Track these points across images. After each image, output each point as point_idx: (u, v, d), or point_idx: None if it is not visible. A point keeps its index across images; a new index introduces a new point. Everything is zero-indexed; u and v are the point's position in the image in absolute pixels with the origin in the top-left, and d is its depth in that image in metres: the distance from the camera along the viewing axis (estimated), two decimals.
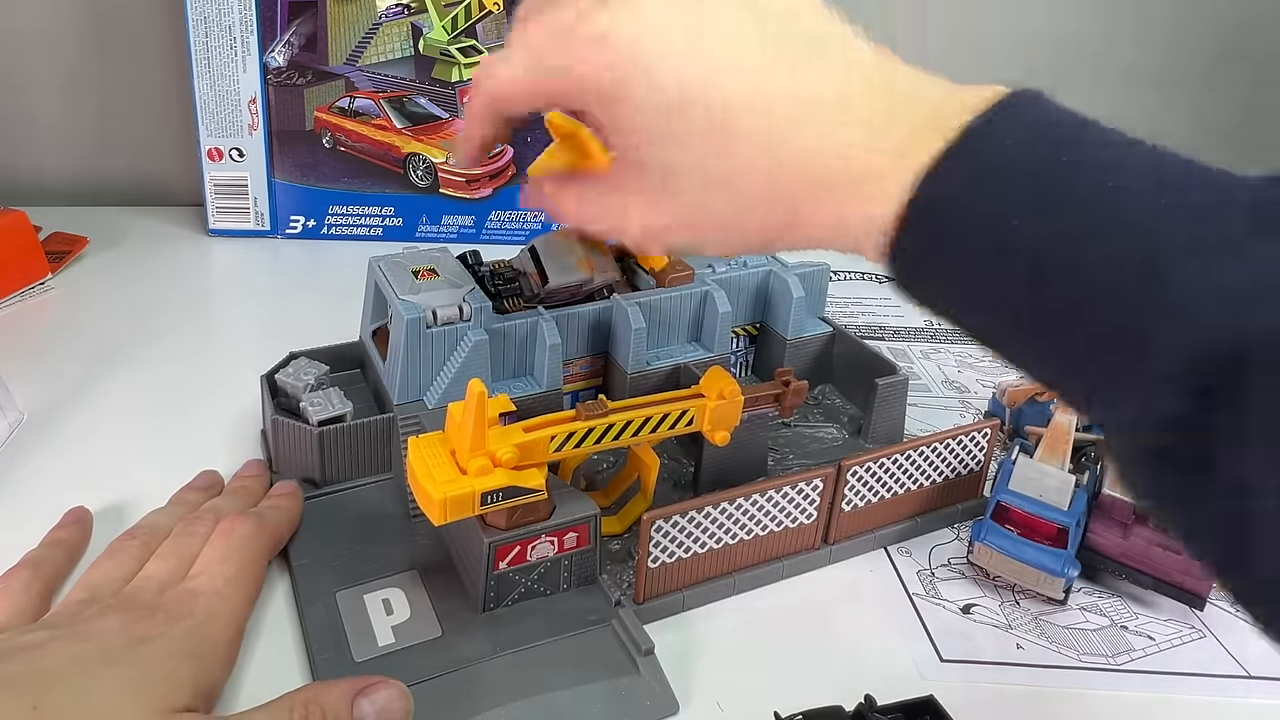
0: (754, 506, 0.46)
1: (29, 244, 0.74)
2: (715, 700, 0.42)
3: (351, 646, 0.42)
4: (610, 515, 0.50)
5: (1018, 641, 0.47)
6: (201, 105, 0.80)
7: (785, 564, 0.49)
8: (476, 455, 0.41)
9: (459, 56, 0.81)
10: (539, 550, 0.43)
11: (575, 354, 0.55)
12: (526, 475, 0.42)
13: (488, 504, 0.41)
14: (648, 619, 0.45)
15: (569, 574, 0.45)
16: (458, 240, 0.86)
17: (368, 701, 0.36)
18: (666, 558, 0.45)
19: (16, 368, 0.62)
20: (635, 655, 0.41)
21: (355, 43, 0.80)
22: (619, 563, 0.48)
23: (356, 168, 0.84)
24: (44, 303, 0.73)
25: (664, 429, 0.46)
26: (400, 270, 0.52)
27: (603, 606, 0.44)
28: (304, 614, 0.44)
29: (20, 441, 0.57)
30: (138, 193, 0.92)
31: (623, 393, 0.54)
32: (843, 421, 0.60)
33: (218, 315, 0.74)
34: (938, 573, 0.51)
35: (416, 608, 0.44)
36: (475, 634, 0.43)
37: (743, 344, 0.62)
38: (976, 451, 0.53)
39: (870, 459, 0.49)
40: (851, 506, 0.50)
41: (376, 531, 0.49)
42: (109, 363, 0.65)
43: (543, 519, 0.43)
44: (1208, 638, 0.48)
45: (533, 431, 0.42)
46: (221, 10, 0.77)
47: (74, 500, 0.51)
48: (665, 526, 0.44)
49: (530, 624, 0.43)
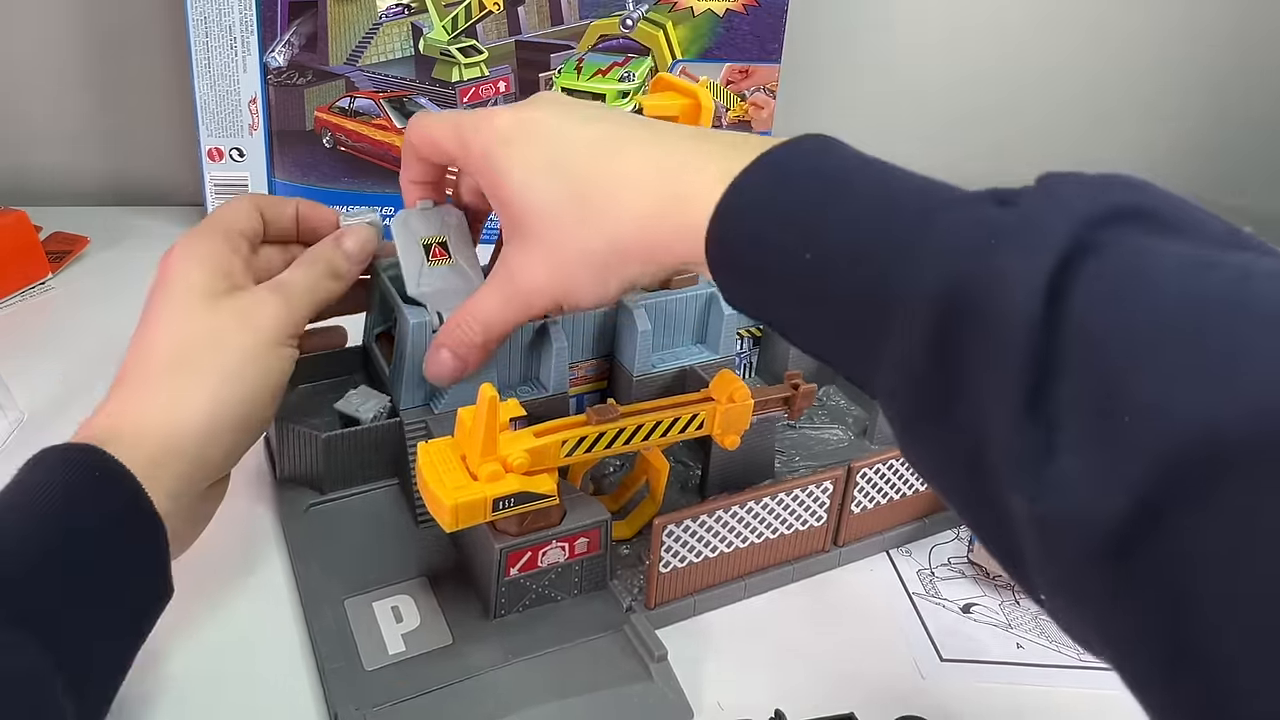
0: (764, 510, 0.46)
1: (29, 244, 0.73)
2: (722, 700, 0.42)
3: (361, 655, 0.42)
4: (619, 520, 0.50)
5: (1018, 641, 0.47)
6: (201, 105, 0.79)
7: (795, 567, 0.49)
8: (488, 461, 0.40)
9: (459, 56, 0.81)
10: (550, 556, 0.43)
11: (581, 357, 0.55)
12: (538, 481, 0.41)
13: (499, 510, 0.41)
14: (659, 624, 0.45)
15: (580, 580, 0.45)
16: None
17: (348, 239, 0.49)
18: (678, 562, 0.45)
19: (16, 368, 0.62)
20: (648, 661, 0.41)
21: (355, 43, 0.80)
22: (629, 567, 0.48)
23: (356, 168, 0.84)
24: (44, 303, 0.73)
25: (674, 433, 0.46)
26: (412, 245, 0.50)
27: (614, 612, 0.44)
28: (312, 623, 0.44)
29: (20, 441, 0.56)
30: (138, 193, 0.92)
31: (628, 396, 0.54)
32: (848, 423, 0.60)
33: None
34: (938, 572, 0.51)
35: (426, 615, 0.44)
36: (486, 641, 0.42)
37: (747, 345, 0.62)
38: None
39: (879, 461, 0.49)
40: (860, 509, 0.50)
41: (384, 538, 0.48)
42: (109, 363, 0.64)
43: (554, 524, 0.43)
44: None
45: (544, 436, 0.42)
46: (221, 10, 0.77)
47: None
48: (677, 531, 0.44)
49: (541, 630, 0.43)
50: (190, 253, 0.45)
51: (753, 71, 0.84)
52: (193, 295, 0.43)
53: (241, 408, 0.42)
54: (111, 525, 0.37)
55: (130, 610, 0.37)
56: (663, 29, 0.81)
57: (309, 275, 0.47)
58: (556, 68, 0.82)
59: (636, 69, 0.82)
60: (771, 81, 0.84)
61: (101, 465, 0.37)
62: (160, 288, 0.44)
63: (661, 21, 0.81)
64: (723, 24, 0.82)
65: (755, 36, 0.82)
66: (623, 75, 0.83)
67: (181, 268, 0.44)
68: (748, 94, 0.85)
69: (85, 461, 0.37)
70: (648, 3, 0.80)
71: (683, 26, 0.82)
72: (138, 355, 0.43)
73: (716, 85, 0.84)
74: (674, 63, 0.83)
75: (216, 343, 0.42)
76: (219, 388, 0.42)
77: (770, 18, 0.81)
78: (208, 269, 0.44)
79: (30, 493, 0.36)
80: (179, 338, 0.42)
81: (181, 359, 0.42)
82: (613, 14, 0.81)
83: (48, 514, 0.35)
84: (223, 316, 0.43)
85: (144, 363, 0.42)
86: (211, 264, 0.44)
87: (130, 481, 0.37)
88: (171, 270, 0.44)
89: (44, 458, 0.38)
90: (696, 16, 0.81)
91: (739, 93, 0.84)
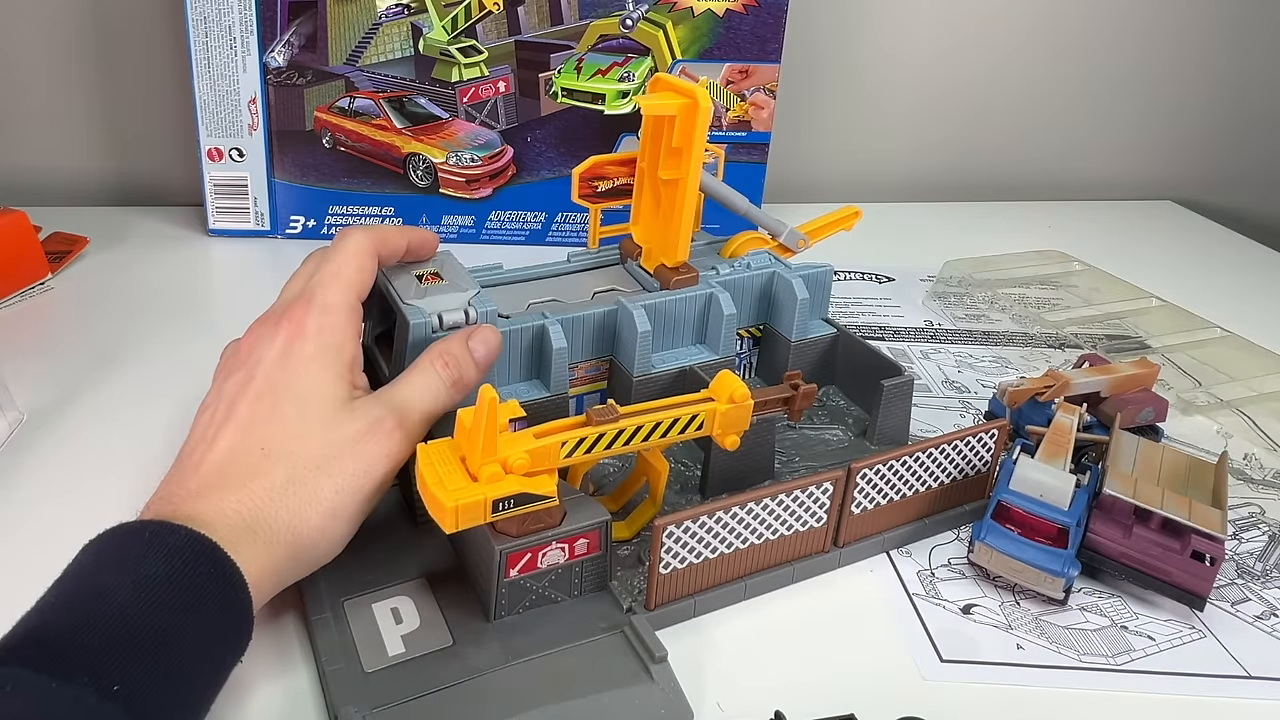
0: (764, 510, 0.46)
1: (29, 244, 0.73)
2: (722, 701, 0.42)
3: (361, 656, 0.42)
4: (619, 520, 0.50)
5: (1018, 641, 0.47)
6: (201, 105, 0.80)
7: (795, 568, 0.49)
8: (487, 462, 0.41)
9: (459, 56, 0.81)
10: (550, 557, 0.43)
11: (581, 357, 0.55)
12: (538, 482, 0.41)
13: (499, 511, 0.41)
14: (660, 625, 0.45)
15: (580, 581, 0.45)
16: (458, 240, 0.86)
17: (475, 341, 0.48)
18: (678, 563, 0.45)
19: (16, 368, 0.62)
20: (649, 663, 0.41)
21: (355, 43, 0.80)
22: (629, 568, 0.48)
23: (356, 168, 0.84)
24: (44, 303, 0.73)
25: (674, 433, 0.46)
26: (403, 274, 0.52)
27: (614, 613, 0.44)
28: (312, 624, 0.44)
29: (20, 441, 0.56)
30: (138, 193, 0.92)
31: (628, 396, 0.54)
32: (848, 423, 0.60)
33: (218, 315, 0.74)
34: (938, 573, 0.51)
35: (426, 616, 0.44)
36: (486, 643, 0.42)
37: (747, 346, 0.62)
38: (984, 453, 0.53)
39: (879, 461, 0.49)
40: (860, 509, 0.50)
41: (383, 540, 0.48)
42: (109, 363, 0.65)
43: (554, 525, 0.43)
44: (1208, 638, 0.48)
45: (544, 437, 0.42)
46: (221, 10, 0.77)
47: (74, 500, 0.51)
48: (677, 532, 0.44)
49: (542, 632, 0.43)
50: (325, 342, 0.45)
51: (753, 71, 0.84)
52: (323, 402, 0.43)
53: (344, 526, 0.43)
54: (218, 630, 0.37)
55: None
56: (662, 29, 0.82)
57: (435, 390, 0.46)
58: (556, 68, 0.82)
59: (636, 69, 0.83)
60: (771, 81, 0.84)
61: (227, 577, 0.38)
62: (288, 367, 0.44)
63: (661, 21, 0.81)
64: (722, 24, 0.82)
65: (755, 36, 0.82)
66: (622, 75, 0.83)
67: (313, 370, 0.44)
68: (747, 94, 0.85)
69: (215, 574, 0.38)
70: (647, 3, 0.80)
71: (682, 26, 0.82)
72: (253, 450, 0.42)
73: (716, 85, 0.84)
74: (674, 63, 0.83)
75: (331, 469, 0.42)
76: (327, 522, 0.42)
77: (770, 18, 0.81)
78: (333, 369, 0.44)
79: (161, 589, 0.36)
80: (296, 452, 0.42)
81: (296, 479, 0.42)
82: (612, 14, 0.81)
83: (177, 612, 0.36)
84: (343, 443, 0.43)
85: (261, 469, 0.42)
86: (336, 358, 0.45)
87: (246, 597, 0.38)
88: (303, 355, 0.44)
89: (168, 544, 0.37)
90: (696, 16, 0.81)
91: (739, 93, 0.84)
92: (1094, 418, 0.59)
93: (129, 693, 0.32)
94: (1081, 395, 0.59)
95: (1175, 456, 0.54)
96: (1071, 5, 1.01)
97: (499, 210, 0.86)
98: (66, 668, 0.32)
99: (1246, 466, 0.61)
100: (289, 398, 0.43)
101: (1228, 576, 0.52)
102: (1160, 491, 0.50)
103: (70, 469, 0.55)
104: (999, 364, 0.72)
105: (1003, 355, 0.73)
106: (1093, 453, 0.57)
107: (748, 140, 0.86)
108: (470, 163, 0.84)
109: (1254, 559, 0.54)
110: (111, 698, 0.32)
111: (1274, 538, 0.55)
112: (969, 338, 0.76)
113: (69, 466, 0.55)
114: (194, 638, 0.36)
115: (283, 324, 0.45)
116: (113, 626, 0.34)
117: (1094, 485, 0.51)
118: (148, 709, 0.33)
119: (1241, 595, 0.51)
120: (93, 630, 0.33)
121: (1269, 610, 0.50)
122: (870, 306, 0.80)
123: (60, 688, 0.31)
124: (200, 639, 0.36)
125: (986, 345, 0.75)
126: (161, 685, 0.34)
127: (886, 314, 0.79)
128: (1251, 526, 0.56)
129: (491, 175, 0.85)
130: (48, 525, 0.49)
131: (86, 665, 0.32)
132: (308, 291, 0.47)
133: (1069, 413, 0.55)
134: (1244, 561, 0.53)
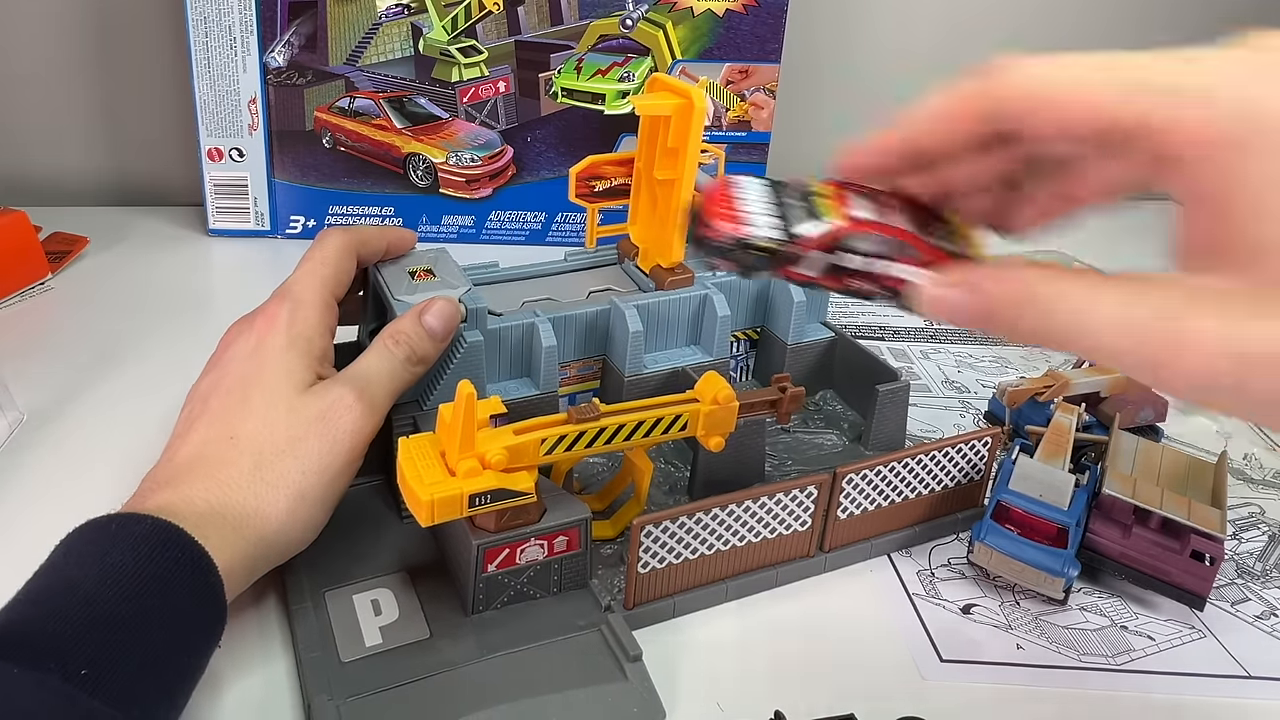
0: (746, 513, 0.46)
1: (29, 244, 0.74)
2: (711, 703, 0.42)
3: (339, 646, 0.42)
4: (603, 519, 0.50)
5: (1018, 641, 0.47)
6: (201, 105, 0.80)
7: (780, 571, 0.48)
8: (465, 457, 0.40)
9: (459, 56, 0.81)
10: (528, 553, 0.43)
11: (572, 356, 0.55)
12: (516, 478, 0.41)
13: (476, 506, 0.40)
14: (638, 625, 0.44)
15: (559, 578, 0.44)
16: (458, 240, 0.86)
17: (429, 315, 0.47)
18: (657, 563, 0.44)
19: (16, 368, 0.62)
20: (623, 661, 0.41)
21: (355, 43, 0.80)
22: (611, 567, 0.48)
23: (356, 168, 0.84)
24: (44, 303, 0.73)
25: (657, 433, 0.45)
26: (397, 271, 0.51)
27: (592, 611, 0.44)
28: (292, 613, 0.44)
29: (20, 441, 0.57)
30: (138, 193, 0.92)
31: (619, 396, 0.54)
32: (843, 428, 0.59)
33: (218, 315, 0.74)
34: (938, 573, 0.51)
35: (405, 609, 0.44)
36: (463, 636, 0.42)
37: (743, 348, 0.61)
38: (977, 460, 0.52)
39: (867, 466, 0.48)
40: (847, 514, 0.49)
41: (368, 532, 0.48)
42: (109, 363, 0.65)
43: (532, 522, 0.43)
44: (1208, 638, 0.48)
45: (523, 434, 0.42)
46: (221, 10, 0.77)
47: (74, 500, 0.50)
48: (655, 532, 0.43)
49: (518, 627, 0.43)
50: (295, 334, 0.46)
51: (752, 71, 0.83)
52: (289, 388, 0.44)
53: (314, 510, 0.43)
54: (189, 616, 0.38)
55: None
56: (662, 29, 0.81)
57: (390, 365, 0.46)
58: (556, 68, 0.82)
59: (636, 69, 0.82)
60: (771, 81, 0.84)
61: (195, 562, 0.38)
62: (258, 359, 0.45)
63: (661, 21, 0.81)
64: (722, 24, 0.81)
65: (755, 36, 0.82)
66: (622, 75, 0.82)
67: (282, 359, 0.45)
68: (747, 94, 0.84)
69: (183, 559, 0.38)
70: (648, 3, 0.80)
71: (682, 26, 0.81)
72: (222, 440, 0.43)
73: (716, 85, 0.83)
74: (674, 63, 0.82)
75: (296, 451, 0.43)
76: (295, 504, 0.42)
77: (770, 18, 0.81)
78: (303, 358, 0.45)
79: (127, 577, 0.36)
80: (263, 438, 0.43)
81: (263, 463, 0.42)
82: (612, 14, 0.81)
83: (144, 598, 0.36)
84: (307, 423, 0.43)
85: (229, 458, 0.42)
86: (306, 350, 0.46)
87: (218, 581, 0.38)
88: (274, 347, 0.45)
89: (134, 533, 0.38)
90: (696, 16, 0.81)
91: (739, 93, 0.84)
92: (1093, 417, 0.58)
93: (97, 676, 0.33)
94: (1081, 395, 0.58)
95: (1175, 456, 0.53)
96: (1071, 5, 1.00)
97: (499, 210, 0.86)
98: (32, 655, 0.32)
99: (1246, 466, 0.61)
100: (257, 387, 0.44)
101: (1227, 576, 0.51)
102: (1160, 491, 0.49)
103: (70, 469, 0.55)
104: (999, 364, 0.71)
105: (1003, 355, 0.72)
106: (1092, 453, 0.56)
107: (747, 140, 0.86)
108: (470, 163, 0.84)
109: (1254, 559, 0.53)
110: (78, 682, 0.32)
111: (1274, 538, 0.54)
112: (969, 337, 0.75)
113: (69, 466, 0.55)
114: (165, 623, 0.36)
115: (257, 320, 0.47)
116: (79, 614, 0.34)
117: (1093, 485, 0.51)
118: (118, 693, 0.33)
119: (1241, 595, 0.50)
120: (59, 619, 0.34)
121: (1269, 610, 0.50)
122: (870, 306, 0.79)
123: (23, 673, 0.31)
124: (172, 624, 0.36)
125: (986, 345, 0.74)
126: (133, 670, 0.34)
127: (886, 313, 0.78)
128: (1251, 526, 0.55)
129: (491, 175, 0.85)
130: (48, 525, 0.48)
131: (52, 652, 0.32)
132: (283, 289, 0.48)
133: (1068, 412, 0.54)
134: (1244, 561, 0.53)
